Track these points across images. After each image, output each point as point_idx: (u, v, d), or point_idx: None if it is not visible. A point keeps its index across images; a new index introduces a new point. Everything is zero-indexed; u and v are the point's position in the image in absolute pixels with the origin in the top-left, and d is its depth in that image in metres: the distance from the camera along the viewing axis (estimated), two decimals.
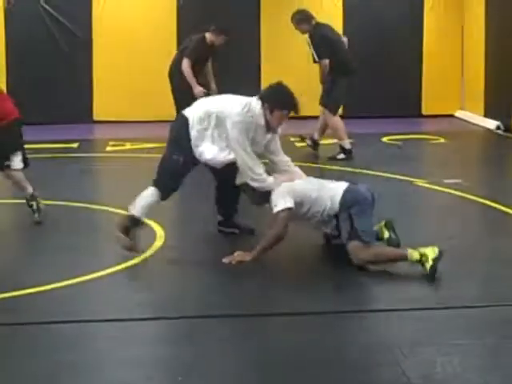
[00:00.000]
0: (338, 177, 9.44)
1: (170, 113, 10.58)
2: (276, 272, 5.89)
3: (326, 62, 10.11)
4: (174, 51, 11.32)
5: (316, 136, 10.77)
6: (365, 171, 9.24)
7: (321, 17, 13.87)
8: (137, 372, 4.22)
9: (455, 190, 8.26)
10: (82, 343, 4.61)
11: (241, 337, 4.74)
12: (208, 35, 10.24)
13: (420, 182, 8.69)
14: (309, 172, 6.53)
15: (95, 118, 13.70)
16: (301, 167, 6.55)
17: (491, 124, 12.96)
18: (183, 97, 9.72)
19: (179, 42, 13.39)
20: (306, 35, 10.23)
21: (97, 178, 10.02)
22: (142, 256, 6.04)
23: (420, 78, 14.35)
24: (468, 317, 4.96)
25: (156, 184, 6.20)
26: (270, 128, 6.09)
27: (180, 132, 6.17)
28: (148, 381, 4.12)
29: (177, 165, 6.12)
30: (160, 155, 6.41)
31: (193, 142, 6.10)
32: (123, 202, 7.80)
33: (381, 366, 4.24)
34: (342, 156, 10.34)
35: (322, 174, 7.76)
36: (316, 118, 10.99)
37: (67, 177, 9.32)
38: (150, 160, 10.59)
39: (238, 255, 5.90)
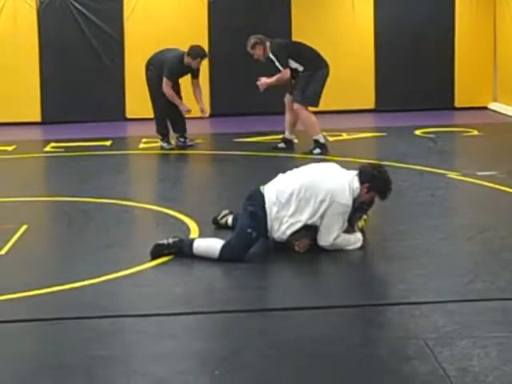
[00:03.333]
0: None
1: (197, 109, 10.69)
2: (302, 267, 5.90)
3: (288, 70, 10.19)
4: (205, 49, 11.33)
5: (287, 135, 10.67)
6: (398, 164, 9.20)
7: (352, 12, 13.99)
8: (171, 366, 4.24)
9: (489, 182, 8.20)
10: (116, 338, 4.65)
11: (274, 330, 4.74)
12: (185, 57, 10.61)
13: (454, 175, 8.63)
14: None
15: (128, 115, 13.78)
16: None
17: None
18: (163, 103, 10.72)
19: (210, 40, 13.48)
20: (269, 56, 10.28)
21: (130, 175, 10.08)
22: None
23: (453, 71, 14.25)
24: (504, 309, 4.91)
25: (224, 247, 5.97)
26: None
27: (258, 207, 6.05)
28: (182, 375, 4.14)
29: (249, 239, 6.00)
30: (192, 152, 6.42)
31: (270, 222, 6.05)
32: (156, 198, 7.90)
33: (416, 359, 4.21)
34: (318, 151, 10.23)
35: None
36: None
37: (101, 174, 9.38)
38: (182, 156, 10.70)
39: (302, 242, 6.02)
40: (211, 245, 5.98)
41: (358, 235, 6.23)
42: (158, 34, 13.57)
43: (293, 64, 10.24)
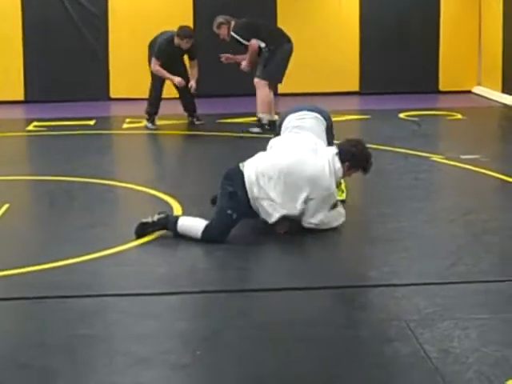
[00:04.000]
0: None
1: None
2: (285, 248, 5.90)
3: (254, 41, 10.35)
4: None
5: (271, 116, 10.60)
6: (382, 147, 9.20)
7: None
8: (153, 346, 4.24)
9: (472, 165, 8.23)
10: (99, 317, 4.64)
11: (255, 311, 4.75)
12: (175, 38, 10.73)
13: (437, 158, 8.66)
14: None
15: (112, 95, 13.71)
16: None
17: (509, 100, 12.87)
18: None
19: (195, 18, 13.42)
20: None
21: (114, 154, 10.04)
22: (160, 232, 6.05)
23: (437, 54, 14.24)
24: (486, 291, 4.94)
25: (206, 228, 5.92)
26: None
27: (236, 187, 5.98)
28: (164, 354, 4.14)
29: (230, 221, 5.94)
30: (176, 132, 6.40)
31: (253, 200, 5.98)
32: (140, 178, 7.87)
33: (398, 340, 4.23)
34: (256, 130, 10.38)
35: None
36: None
37: (84, 154, 9.33)
38: (166, 137, 10.67)
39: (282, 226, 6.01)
40: (195, 224, 5.96)
41: (341, 210, 6.23)
42: (143, 11, 13.51)
43: (258, 41, 10.39)
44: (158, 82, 10.94)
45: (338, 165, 6.05)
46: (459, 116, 11.80)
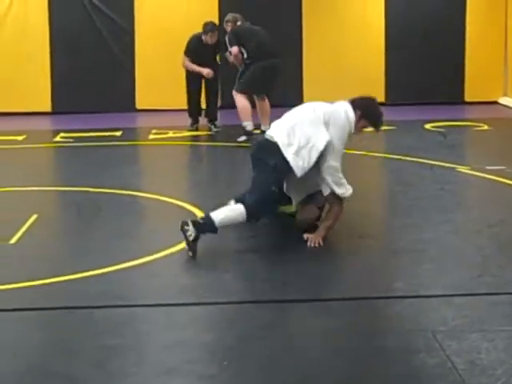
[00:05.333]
0: (380, 163, 9.46)
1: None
2: (311, 258, 5.91)
3: (235, 48, 10.62)
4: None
5: (263, 127, 10.69)
6: (408, 158, 9.20)
7: (363, 6, 13.96)
8: (180, 356, 4.27)
9: (498, 176, 8.20)
10: (127, 327, 4.68)
11: (282, 322, 4.77)
12: (202, 36, 11.34)
13: (463, 169, 8.63)
14: None
15: (138, 106, 13.80)
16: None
17: None
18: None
19: (220, 32, 13.48)
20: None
21: (140, 165, 10.10)
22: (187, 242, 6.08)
23: (463, 65, 14.22)
24: None
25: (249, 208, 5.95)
26: None
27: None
28: (192, 364, 4.16)
29: (273, 195, 6.02)
30: (201, 143, 6.43)
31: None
32: (166, 189, 7.91)
33: (424, 351, 4.23)
34: (242, 138, 10.57)
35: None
36: None
37: (111, 165, 9.40)
38: (192, 147, 10.72)
39: (315, 237, 6.03)
40: (233, 209, 5.99)
41: (348, 186, 6.19)
42: (169, 24, 13.59)
43: (242, 49, 10.68)
44: (190, 87, 11.48)
45: (351, 113, 6.12)
46: (485, 127, 11.75)
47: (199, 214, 6.89)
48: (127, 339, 4.49)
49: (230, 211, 5.98)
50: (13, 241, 6.29)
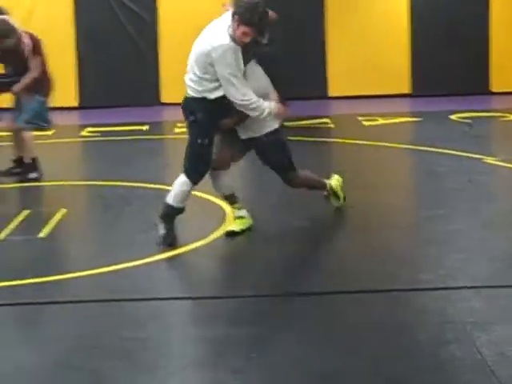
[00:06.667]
0: (406, 154, 9.42)
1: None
2: (337, 251, 5.90)
3: None
4: None
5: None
6: (434, 149, 9.15)
7: None
8: (208, 349, 4.28)
9: None
10: (154, 321, 4.68)
11: (311, 314, 4.76)
12: None
13: (491, 160, 8.57)
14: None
15: (163, 100, 13.83)
16: None
17: None
18: None
19: None
20: None
21: (166, 159, 10.13)
22: (214, 235, 6.10)
23: (489, 55, 14.11)
24: None
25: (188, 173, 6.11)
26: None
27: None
28: (219, 357, 4.17)
29: (203, 148, 6.10)
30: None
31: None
32: None
33: (453, 343, 4.21)
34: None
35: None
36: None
37: (138, 158, 9.43)
38: None
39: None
40: (177, 182, 6.11)
41: (270, 104, 5.98)
42: (192, 17, 13.57)
43: None
44: None
45: (230, 22, 5.83)
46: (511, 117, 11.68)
47: (225, 206, 6.89)
48: (154, 332, 4.50)
49: (175, 185, 6.08)
50: (42, 234, 6.33)
